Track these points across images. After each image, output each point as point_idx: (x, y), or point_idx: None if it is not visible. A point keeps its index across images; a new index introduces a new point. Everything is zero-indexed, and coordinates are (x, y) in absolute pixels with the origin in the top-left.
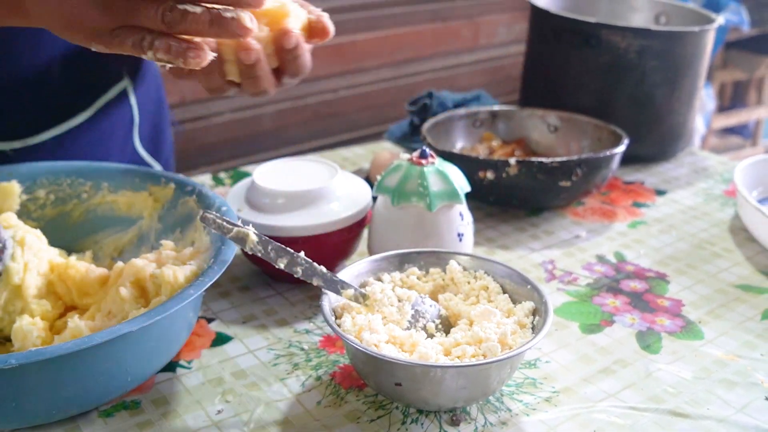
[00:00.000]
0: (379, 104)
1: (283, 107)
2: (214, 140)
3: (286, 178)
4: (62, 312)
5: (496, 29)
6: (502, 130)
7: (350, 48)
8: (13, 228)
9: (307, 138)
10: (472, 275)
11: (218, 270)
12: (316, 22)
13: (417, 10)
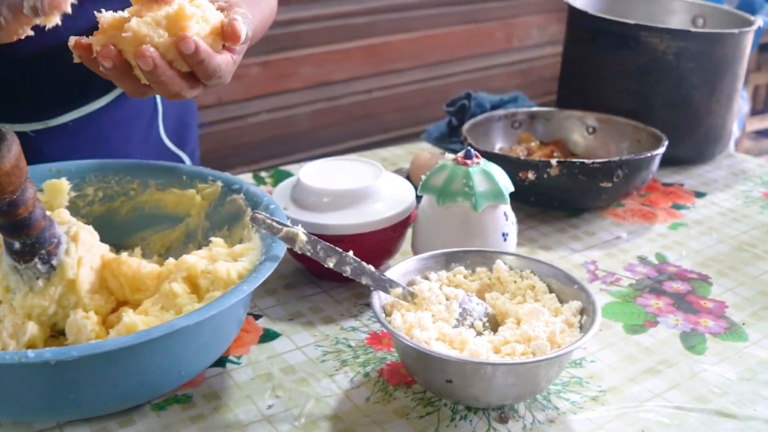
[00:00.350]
0: (412, 106)
1: (317, 108)
2: (249, 140)
3: (332, 178)
4: (114, 307)
5: (529, 31)
6: (540, 132)
7: (384, 49)
8: (66, 224)
9: (340, 139)
10: (519, 275)
11: (270, 267)
12: (226, 26)
13: (451, 12)
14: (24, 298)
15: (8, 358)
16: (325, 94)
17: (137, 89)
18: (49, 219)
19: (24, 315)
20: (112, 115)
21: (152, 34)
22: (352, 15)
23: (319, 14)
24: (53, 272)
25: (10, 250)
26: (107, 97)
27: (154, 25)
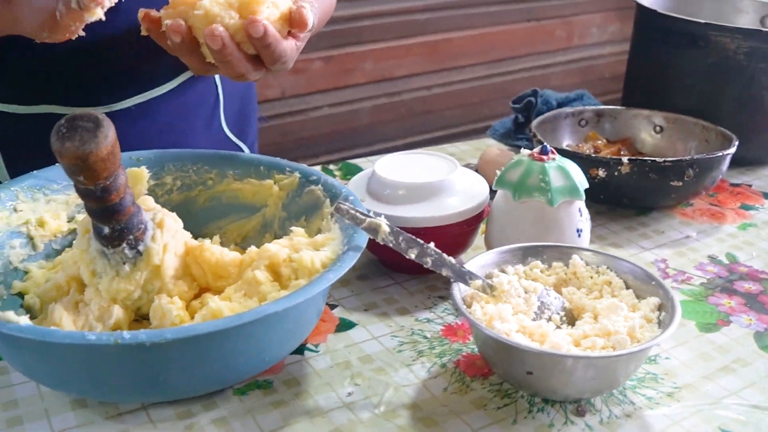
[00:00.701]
0: (471, 102)
1: (378, 103)
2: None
3: (407, 171)
4: (196, 293)
5: (589, 29)
6: (607, 130)
7: (445, 46)
8: (152, 210)
9: (401, 134)
10: (595, 270)
11: (353, 256)
12: (294, 12)
13: (512, 9)
14: (110, 282)
15: (104, 338)
16: (386, 89)
17: (202, 67)
18: (137, 205)
19: (110, 299)
20: (174, 103)
21: (223, 14)
22: (415, 11)
23: (381, 10)
24: (139, 258)
25: (99, 235)
26: (170, 83)
27: (226, 5)
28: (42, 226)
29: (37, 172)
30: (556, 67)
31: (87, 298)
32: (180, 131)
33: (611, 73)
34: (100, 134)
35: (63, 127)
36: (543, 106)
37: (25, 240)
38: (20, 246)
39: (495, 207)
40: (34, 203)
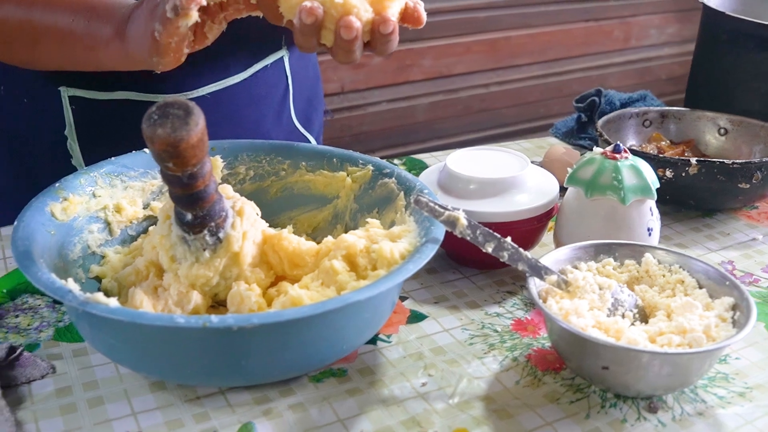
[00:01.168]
0: (528, 101)
1: (436, 100)
2: (368, 129)
3: (479, 166)
4: (273, 281)
5: (647, 31)
6: (671, 131)
7: (504, 44)
8: (232, 199)
9: (456, 132)
10: (667, 269)
11: (432, 248)
12: (412, 10)
13: (571, 9)
14: (190, 268)
15: (193, 322)
16: (444, 86)
17: (312, 46)
18: (219, 193)
19: (188, 284)
20: (248, 92)
21: (360, 6)
22: (475, 9)
23: (442, 7)
24: (219, 245)
25: (182, 221)
26: (244, 73)
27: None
28: (119, 211)
29: (115, 159)
30: (613, 67)
31: (166, 283)
32: (252, 121)
33: (668, 74)
34: (191, 121)
35: (154, 113)
36: (606, 106)
37: (102, 225)
38: (98, 231)
39: (566, 204)
40: (112, 189)
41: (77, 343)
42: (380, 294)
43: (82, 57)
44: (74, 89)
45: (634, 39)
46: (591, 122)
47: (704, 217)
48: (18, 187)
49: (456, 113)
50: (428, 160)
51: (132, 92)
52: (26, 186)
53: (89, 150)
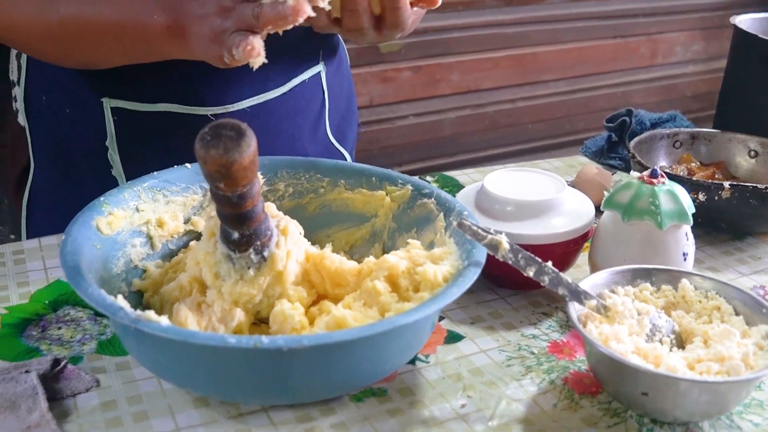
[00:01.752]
0: (554, 117)
1: (463, 114)
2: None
3: (516, 188)
4: (315, 300)
5: (674, 48)
6: (701, 152)
7: (532, 59)
8: (276, 217)
9: (483, 146)
10: (704, 295)
11: (475, 272)
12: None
13: (599, 26)
14: (234, 285)
15: (245, 342)
16: (471, 101)
17: (325, 24)
18: (265, 212)
19: (232, 301)
20: (286, 106)
21: None
22: (504, 25)
23: (471, 22)
24: (264, 263)
25: (228, 239)
26: (283, 87)
27: None
28: (161, 226)
29: (158, 173)
30: (639, 84)
31: (209, 300)
32: (288, 135)
33: (693, 92)
34: (244, 143)
35: (207, 134)
36: (637, 126)
37: (144, 239)
38: (140, 245)
39: (602, 227)
40: (155, 204)
41: (120, 357)
42: (424, 317)
43: (138, 49)
44: (116, 100)
45: (660, 56)
46: (621, 142)
47: (735, 241)
48: (59, 195)
49: (483, 128)
50: (460, 178)
51: (174, 104)
52: (67, 195)
53: (129, 161)
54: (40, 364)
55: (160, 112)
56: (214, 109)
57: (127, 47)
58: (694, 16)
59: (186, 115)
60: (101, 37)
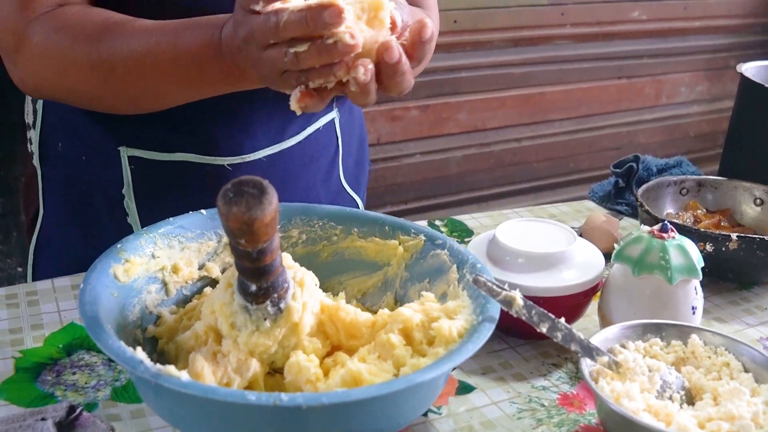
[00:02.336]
0: (559, 156)
1: (469, 153)
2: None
3: (527, 239)
4: (329, 351)
5: (678, 88)
6: (707, 200)
7: (538, 99)
8: (292, 268)
9: (488, 184)
10: (713, 351)
11: (489, 328)
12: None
13: (605, 66)
14: (250, 336)
15: (264, 399)
16: (478, 140)
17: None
18: (283, 265)
19: (247, 352)
20: (301, 154)
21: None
22: (511, 65)
23: (479, 63)
24: (280, 315)
25: (246, 291)
26: (299, 136)
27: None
28: (176, 272)
29: (173, 219)
30: (644, 124)
31: (225, 350)
32: (303, 182)
33: (697, 132)
34: (265, 200)
35: (230, 191)
36: (643, 172)
37: (160, 285)
38: (156, 291)
39: (612, 280)
40: (170, 250)
41: (135, 404)
42: (440, 374)
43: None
44: (134, 149)
45: (665, 96)
46: (628, 187)
47: (742, 290)
48: (74, 239)
49: (488, 166)
50: (469, 222)
51: (191, 154)
52: (82, 239)
53: (146, 209)
54: (56, 411)
55: (177, 161)
56: (231, 159)
57: (190, 87)
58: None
59: (203, 165)
60: (163, 81)
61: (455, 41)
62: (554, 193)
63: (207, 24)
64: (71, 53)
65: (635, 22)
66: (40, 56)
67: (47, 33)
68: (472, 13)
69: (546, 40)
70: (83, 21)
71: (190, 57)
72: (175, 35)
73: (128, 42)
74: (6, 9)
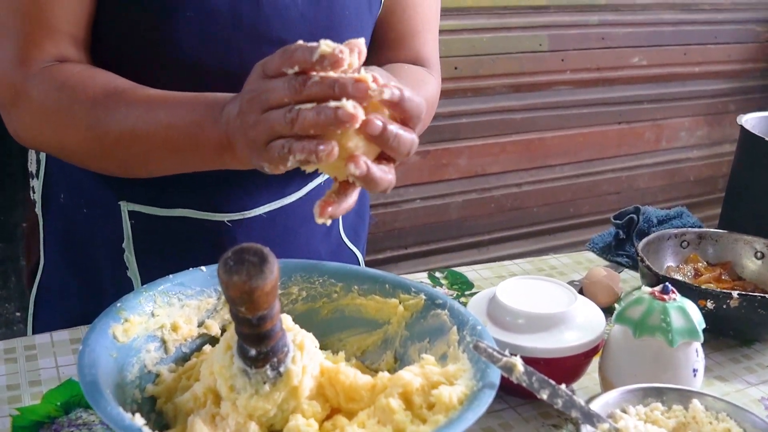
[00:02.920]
0: (558, 201)
1: (469, 198)
2: (401, 225)
3: (528, 299)
4: (328, 413)
5: (678, 133)
6: (708, 253)
7: (538, 145)
8: (292, 331)
9: (488, 229)
10: (714, 416)
11: (489, 395)
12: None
13: (605, 112)
14: (249, 399)
15: None
16: (478, 185)
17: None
18: (283, 329)
19: (246, 415)
20: (302, 210)
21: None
22: (511, 111)
23: (480, 108)
24: (279, 378)
25: (245, 355)
26: (301, 191)
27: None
28: (175, 330)
29: (173, 276)
30: (644, 168)
31: (224, 412)
32: (303, 237)
33: (696, 176)
34: (266, 269)
35: (230, 259)
36: (644, 224)
37: (159, 344)
38: (155, 350)
39: (613, 341)
40: (170, 308)
41: None
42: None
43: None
44: (134, 204)
45: (664, 141)
46: (629, 239)
47: (743, 347)
48: (74, 290)
49: (488, 211)
50: (469, 274)
51: (191, 210)
52: (82, 290)
53: (145, 263)
54: None
55: (178, 216)
56: (231, 216)
57: (180, 160)
58: (697, 102)
59: (203, 221)
60: (155, 151)
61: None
62: (554, 238)
63: (205, 100)
64: (69, 113)
65: (635, 67)
66: (37, 111)
67: (47, 89)
68: (472, 59)
69: (546, 86)
70: (84, 83)
71: (182, 132)
72: (172, 110)
73: (126, 111)
74: (4, 63)
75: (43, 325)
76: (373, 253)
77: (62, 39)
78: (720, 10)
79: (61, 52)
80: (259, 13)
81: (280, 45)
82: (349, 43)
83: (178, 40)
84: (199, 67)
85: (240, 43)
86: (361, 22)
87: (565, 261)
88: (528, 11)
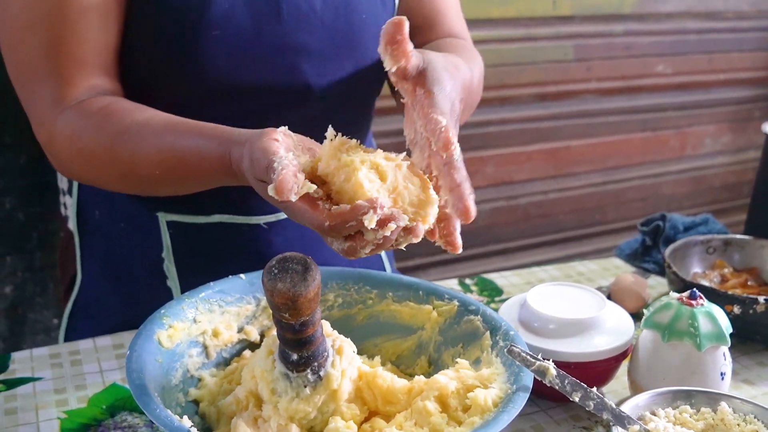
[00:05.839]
0: (584, 208)
1: (497, 206)
2: None
3: (558, 304)
4: (366, 416)
5: (702, 140)
6: (734, 259)
7: (565, 153)
8: (331, 336)
9: (515, 236)
10: (743, 418)
11: (523, 397)
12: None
13: (630, 120)
14: (290, 402)
15: None
16: (505, 193)
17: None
18: (323, 335)
19: (287, 417)
20: None
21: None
22: (540, 119)
23: (507, 117)
24: (320, 382)
25: (287, 360)
26: None
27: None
28: (216, 336)
29: (213, 284)
30: (668, 176)
31: (265, 415)
32: None
33: (722, 182)
34: (309, 277)
35: (275, 268)
36: (670, 231)
37: (200, 349)
38: (197, 355)
39: (641, 345)
40: (211, 314)
41: None
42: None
43: (200, 185)
44: (171, 214)
45: (689, 148)
46: (655, 246)
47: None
48: (113, 303)
49: (515, 219)
50: (498, 281)
51: (227, 215)
52: (120, 303)
53: (185, 271)
54: None
55: (215, 223)
56: (267, 218)
57: (191, 185)
58: (722, 109)
59: (240, 225)
60: (172, 176)
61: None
62: (581, 245)
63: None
64: (95, 151)
65: (660, 76)
66: (68, 149)
67: (73, 125)
68: (499, 69)
69: (572, 95)
70: (108, 116)
71: (200, 162)
72: (190, 140)
73: (147, 143)
74: (43, 107)
75: (79, 335)
76: (403, 260)
77: (92, 71)
78: (744, 18)
79: (93, 84)
80: (281, 24)
81: (302, 52)
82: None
83: (204, 59)
84: (226, 82)
85: (264, 54)
86: (378, 22)
87: (592, 267)
88: (554, 21)
